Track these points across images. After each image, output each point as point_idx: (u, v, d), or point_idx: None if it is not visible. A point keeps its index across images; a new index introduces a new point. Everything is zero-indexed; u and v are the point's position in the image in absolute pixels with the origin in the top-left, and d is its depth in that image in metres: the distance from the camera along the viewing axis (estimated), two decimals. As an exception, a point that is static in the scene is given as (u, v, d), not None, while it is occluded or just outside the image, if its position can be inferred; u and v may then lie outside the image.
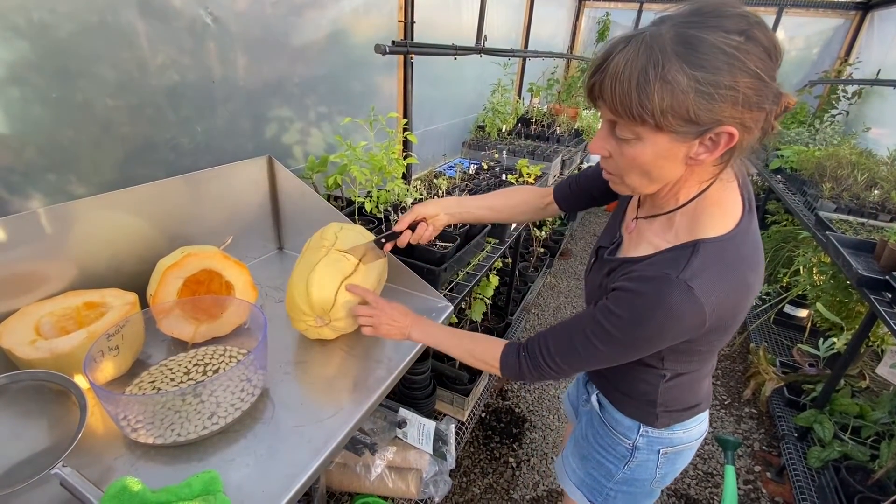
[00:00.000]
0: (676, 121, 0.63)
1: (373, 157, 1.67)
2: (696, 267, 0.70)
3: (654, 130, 0.66)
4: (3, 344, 0.90)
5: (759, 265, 0.76)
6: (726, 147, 0.66)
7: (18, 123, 1.00)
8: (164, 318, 1.08)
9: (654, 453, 1.00)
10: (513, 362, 0.92)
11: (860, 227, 2.19)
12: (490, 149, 2.96)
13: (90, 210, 1.08)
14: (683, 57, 0.60)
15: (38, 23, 0.98)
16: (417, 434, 1.65)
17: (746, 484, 2.14)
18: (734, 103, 0.61)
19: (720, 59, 0.60)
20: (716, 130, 0.64)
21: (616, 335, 0.76)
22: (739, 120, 0.63)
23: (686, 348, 0.83)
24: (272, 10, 1.51)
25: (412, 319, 1.08)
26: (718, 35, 0.60)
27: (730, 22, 0.61)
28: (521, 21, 4.00)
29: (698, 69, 0.60)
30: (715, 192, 0.76)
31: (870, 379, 2.27)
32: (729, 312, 0.75)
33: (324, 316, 1.11)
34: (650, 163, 0.70)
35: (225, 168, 1.40)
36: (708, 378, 1.00)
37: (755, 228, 0.78)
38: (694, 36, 0.60)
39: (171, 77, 1.26)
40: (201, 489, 0.74)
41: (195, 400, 0.87)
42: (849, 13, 4.37)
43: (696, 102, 0.61)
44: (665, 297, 0.70)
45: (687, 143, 0.67)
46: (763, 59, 0.62)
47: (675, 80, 0.61)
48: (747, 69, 0.61)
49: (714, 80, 0.60)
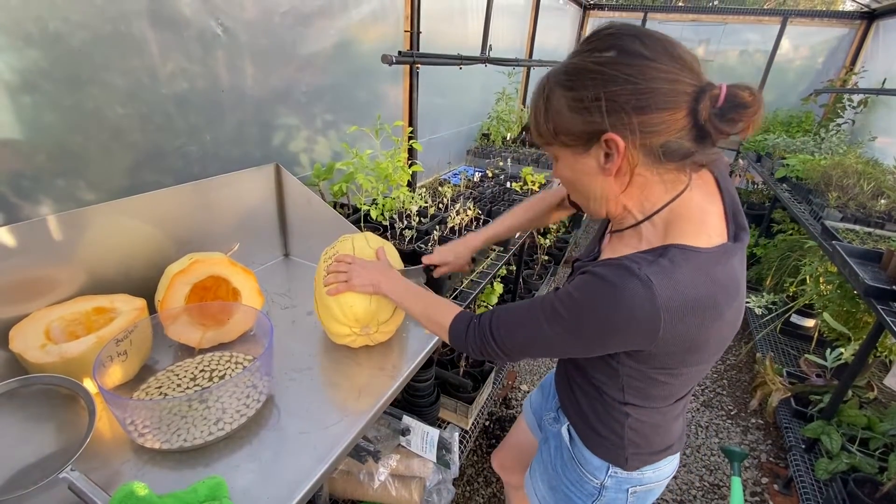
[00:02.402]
0: (567, 137, 0.73)
1: (378, 164, 1.68)
2: (661, 266, 0.68)
3: (560, 148, 0.76)
4: (14, 348, 0.91)
5: (735, 299, 0.73)
6: (621, 152, 0.69)
7: (30, 130, 1.02)
8: (172, 324, 1.08)
9: (623, 492, 0.96)
10: (461, 329, 0.90)
11: (867, 237, 2.18)
12: (494, 157, 2.97)
13: (100, 216, 1.10)
14: (562, 83, 0.71)
15: (52, 31, 1.01)
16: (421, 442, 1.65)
17: (753, 496, 2.11)
18: (601, 112, 0.67)
19: (585, 78, 0.68)
20: (603, 138, 0.69)
21: (564, 316, 0.73)
22: (621, 125, 0.67)
23: (643, 370, 0.79)
24: (281, 20, 1.54)
25: (384, 274, 1.08)
26: (590, 57, 0.68)
27: (602, 43, 0.68)
28: (526, 30, 4.03)
29: (569, 90, 0.70)
30: (684, 207, 0.75)
31: (878, 390, 2.24)
32: (691, 331, 0.70)
33: (370, 325, 1.12)
34: (573, 179, 0.78)
35: (233, 175, 1.42)
36: (680, 420, 0.95)
37: (738, 265, 0.75)
38: (571, 63, 0.71)
39: (180, 85, 1.28)
40: (207, 494, 0.75)
41: (201, 405, 0.87)
42: (854, 22, 4.38)
43: (571, 118, 0.71)
44: (621, 285, 0.67)
45: (588, 156, 0.73)
46: (639, 67, 0.65)
47: (557, 104, 0.72)
48: (615, 79, 0.66)
49: (581, 95, 0.69)
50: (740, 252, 0.76)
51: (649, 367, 0.79)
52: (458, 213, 1.72)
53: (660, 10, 5.20)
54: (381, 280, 1.07)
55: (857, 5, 4.28)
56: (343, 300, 1.08)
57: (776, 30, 4.67)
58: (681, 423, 0.97)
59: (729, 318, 0.73)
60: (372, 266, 1.10)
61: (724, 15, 4.88)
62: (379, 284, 1.07)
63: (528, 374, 2.80)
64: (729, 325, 0.75)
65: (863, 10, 4.28)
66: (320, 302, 1.13)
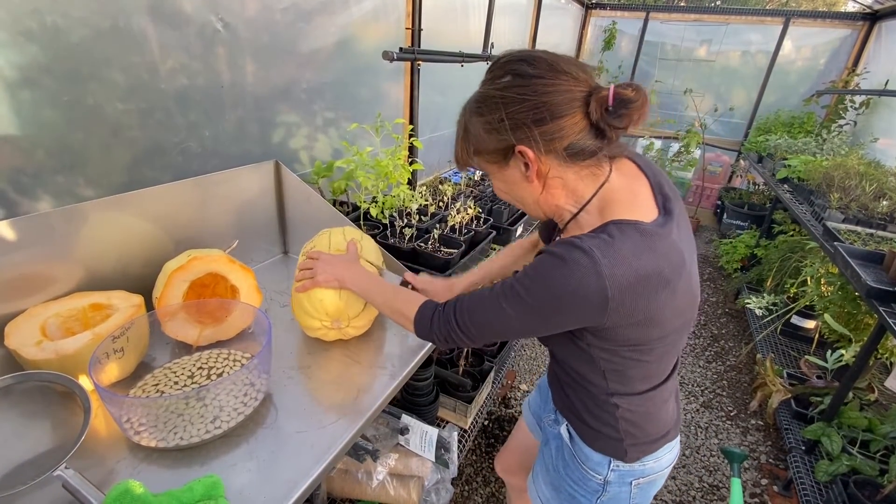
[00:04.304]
0: (487, 154, 0.82)
1: (379, 162, 1.67)
2: (602, 240, 0.73)
3: (486, 166, 0.85)
4: (10, 344, 0.90)
5: (682, 268, 0.77)
6: (534, 160, 0.77)
7: (29, 126, 1.01)
8: (169, 321, 1.08)
9: (627, 485, 0.98)
10: (426, 317, 0.92)
11: (868, 238, 2.17)
12: (495, 156, 2.96)
13: (98, 212, 1.09)
14: (475, 111, 0.81)
15: (51, 27, 1.00)
16: (420, 441, 1.64)
17: (753, 497, 2.11)
18: (506, 130, 0.76)
19: (490, 103, 0.78)
20: (516, 150, 0.77)
21: (522, 295, 0.77)
22: (528, 138, 0.76)
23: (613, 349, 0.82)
24: (281, 16, 1.53)
25: (348, 269, 1.11)
26: (492, 85, 0.79)
27: (498, 70, 0.78)
28: (528, 29, 4.02)
29: (480, 116, 0.80)
30: (612, 191, 0.82)
31: (878, 392, 2.23)
32: (641, 301, 0.74)
33: (341, 319, 1.14)
34: (506, 189, 0.87)
35: (232, 172, 1.41)
36: (670, 405, 0.97)
37: (678, 235, 0.79)
38: (480, 93, 0.81)
39: (180, 81, 1.28)
40: (203, 493, 0.74)
41: (198, 403, 0.86)
42: (856, 24, 4.37)
43: (486, 139, 0.80)
44: (568, 257, 0.72)
45: (509, 168, 0.82)
46: (532, 85, 0.74)
47: (474, 129, 0.82)
48: (512, 100, 0.75)
49: (489, 119, 0.78)
50: (677, 221, 0.80)
51: (616, 345, 0.82)
52: (458, 212, 1.71)
53: (661, 10, 5.19)
54: (345, 274, 1.10)
55: (860, 6, 4.27)
56: (313, 295, 1.11)
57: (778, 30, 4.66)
58: (672, 409, 0.99)
59: (681, 288, 0.77)
60: (337, 261, 1.13)
61: (726, 15, 4.86)
62: (343, 279, 1.10)
63: (528, 374, 2.80)
64: (683, 296, 0.79)
65: (865, 12, 4.27)
66: (294, 296, 1.17)
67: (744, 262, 3.97)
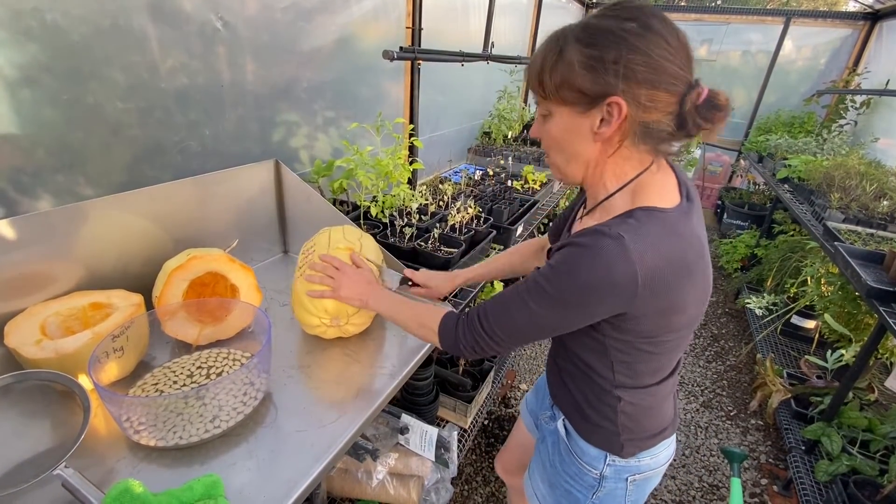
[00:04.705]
0: (570, 92, 0.74)
1: (379, 161, 1.67)
2: (629, 224, 0.72)
3: (559, 104, 0.77)
4: (9, 343, 0.90)
5: (701, 256, 0.78)
6: (620, 120, 0.72)
7: (29, 124, 1.01)
8: (169, 320, 1.08)
9: (623, 481, 0.97)
10: (451, 327, 0.91)
11: (869, 238, 2.17)
12: (496, 155, 2.96)
13: (97, 211, 1.09)
14: (580, 38, 0.72)
15: (52, 25, 1.00)
16: (419, 441, 1.64)
17: (753, 497, 2.11)
18: (617, 75, 0.70)
19: (608, 39, 0.70)
20: (606, 101, 0.71)
21: (548, 290, 0.75)
22: (630, 93, 0.70)
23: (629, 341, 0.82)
24: (281, 15, 1.53)
25: (372, 289, 1.10)
26: (613, 21, 0.71)
27: (626, 12, 0.71)
28: (529, 28, 4.01)
29: (588, 47, 0.71)
30: (647, 177, 0.80)
31: (879, 392, 2.23)
32: (665, 286, 0.73)
33: (340, 317, 1.14)
34: (562, 137, 0.80)
35: (232, 171, 1.41)
36: (669, 401, 0.97)
37: (697, 224, 0.80)
38: (593, 23, 0.73)
39: (180, 80, 1.27)
40: (203, 493, 0.74)
41: (198, 403, 0.86)
42: (857, 23, 4.36)
43: (581, 75, 0.72)
44: (595, 245, 0.71)
45: (587, 116, 0.75)
46: (657, 44, 0.69)
47: (568, 58, 0.73)
48: (636, 48, 0.69)
49: (599, 55, 0.70)
50: (697, 211, 0.82)
51: (634, 337, 0.81)
52: (458, 212, 1.71)
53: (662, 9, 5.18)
54: (369, 295, 1.09)
55: (861, 6, 4.27)
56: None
57: (779, 30, 4.66)
58: (671, 405, 0.99)
59: (699, 276, 0.78)
60: (360, 278, 1.11)
61: (726, 15, 4.86)
62: (366, 299, 1.08)
63: (528, 374, 2.80)
64: (702, 284, 0.80)
65: (866, 11, 4.27)
66: (294, 292, 1.17)
67: (744, 261, 3.97)
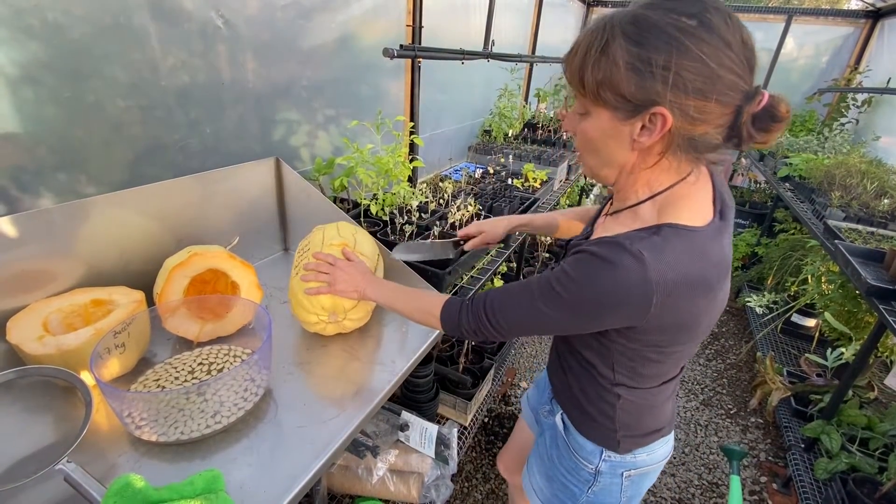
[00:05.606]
0: (612, 95, 0.66)
1: (379, 159, 1.67)
2: (653, 242, 0.68)
3: (597, 104, 0.69)
4: (12, 339, 0.91)
5: (725, 279, 0.74)
6: (662, 131, 0.65)
7: (31, 123, 1.02)
8: (170, 317, 1.08)
9: (618, 476, 0.97)
10: (453, 313, 0.91)
11: (869, 237, 2.17)
12: (496, 153, 2.96)
13: (99, 208, 1.10)
14: (628, 34, 0.63)
15: (52, 23, 1.00)
16: (419, 437, 1.65)
17: (752, 495, 2.11)
18: (665, 83, 0.62)
19: (660, 39, 0.61)
20: (650, 111, 0.64)
21: (560, 294, 0.73)
22: (677, 104, 0.63)
23: (634, 348, 0.80)
24: (282, 13, 1.53)
25: (367, 280, 1.09)
26: (669, 16, 0.61)
27: (685, 6, 0.62)
28: (529, 26, 4.01)
29: (636, 45, 0.62)
30: (682, 188, 0.75)
31: (878, 390, 2.24)
32: (683, 307, 0.71)
33: (337, 312, 1.15)
34: (598, 139, 0.73)
35: (233, 169, 1.41)
36: (670, 402, 0.97)
37: (726, 242, 0.75)
38: (644, 16, 0.63)
39: (181, 79, 1.28)
40: (204, 487, 0.74)
41: (199, 399, 0.87)
42: (859, 21, 4.35)
43: (626, 77, 0.63)
44: (615, 261, 0.67)
45: (627, 123, 0.68)
46: (716, 48, 0.61)
47: (612, 54, 0.64)
48: (690, 53, 0.60)
49: (647, 57, 0.62)
50: (728, 230, 0.76)
51: (641, 346, 0.79)
52: (458, 210, 1.71)
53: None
54: (366, 286, 1.08)
55: (863, 4, 4.25)
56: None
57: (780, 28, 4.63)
58: (671, 406, 0.98)
59: (720, 297, 0.75)
60: (354, 270, 1.10)
61: (728, 13, 4.84)
62: (363, 290, 1.08)
63: (528, 372, 2.80)
64: (719, 305, 0.77)
65: (868, 9, 4.25)
66: (292, 291, 1.18)
67: (745, 260, 3.97)
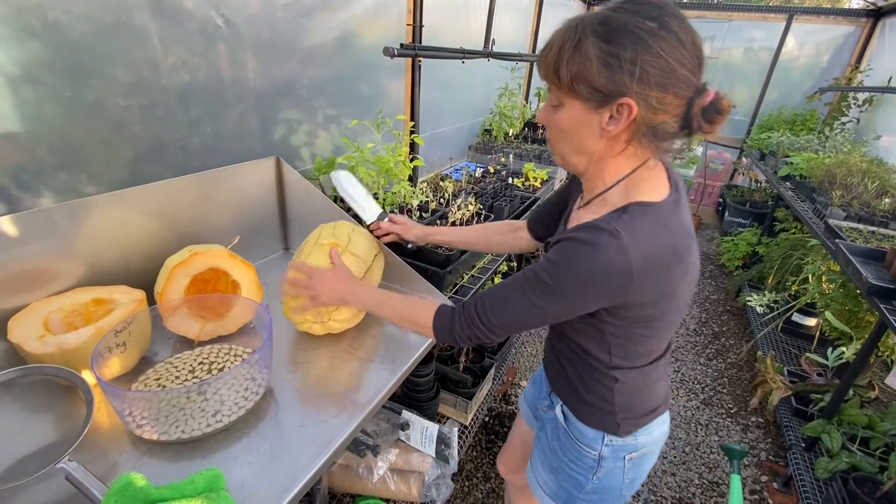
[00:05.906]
0: (585, 87, 0.74)
1: (380, 159, 1.67)
2: (624, 220, 0.75)
3: (570, 96, 0.77)
4: (13, 338, 0.91)
5: (691, 246, 0.81)
6: (628, 119, 0.73)
7: (31, 122, 1.02)
8: (171, 316, 1.08)
9: (620, 460, 1.01)
10: (446, 321, 0.92)
11: (870, 236, 2.17)
12: (497, 152, 2.96)
13: (100, 208, 1.10)
14: (599, 33, 0.71)
15: (53, 22, 1.00)
16: (420, 437, 1.65)
17: (752, 494, 2.11)
18: (632, 76, 0.70)
19: (627, 38, 0.69)
20: (618, 101, 0.72)
21: (547, 282, 0.78)
22: (642, 95, 0.71)
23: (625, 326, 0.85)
24: (283, 12, 1.53)
25: (350, 285, 1.08)
26: (634, 18, 0.70)
27: (647, 9, 0.70)
28: (530, 26, 4.00)
29: (606, 43, 0.70)
30: (643, 172, 0.82)
31: (879, 389, 2.23)
32: (657, 276, 0.77)
33: (322, 314, 1.14)
34: (571, 129, 0.80)
35: (233, 168, 1.41)
36: (662, 381, 1.01)
37: (683, 214, 0.82)
38: (612, 17, 0.71)
39: (181, 78, 1.28)
40: (205, 486, 0.75)
41: (200, 398, 0.87)
42: (860, 20, 4.34)
43: (598, 70, 0.71)
44: (595, 241, 0.74)
45: (597, 113, 0.76)
46: (674, 47, 0.70)
47: (585, 51, 0.72)
48: (652, 50, 0.69)
49: (617, 53, 0.70)
50: (683, 201, 0.85)
51: (630, 322, 0.84)
52: (459, 209, 1.71)
53: (664, 7, 5.16)
54: (347, 292, 1.07)
55: (864, 3, 4.25)
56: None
57: (781, 27, 4.63)
58: (664, 385, 1.03)
59: (689, 264, 0.81)
60: (333, 277, 1.08)
61: (728, 12, 4.84)
62: (345, 298, 1.07)
63: (528, 371, 2.80)
64: (691, 273, 0.83)
65: (869, 8, 4.25)
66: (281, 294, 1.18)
67: (745, 259, 3.97)
